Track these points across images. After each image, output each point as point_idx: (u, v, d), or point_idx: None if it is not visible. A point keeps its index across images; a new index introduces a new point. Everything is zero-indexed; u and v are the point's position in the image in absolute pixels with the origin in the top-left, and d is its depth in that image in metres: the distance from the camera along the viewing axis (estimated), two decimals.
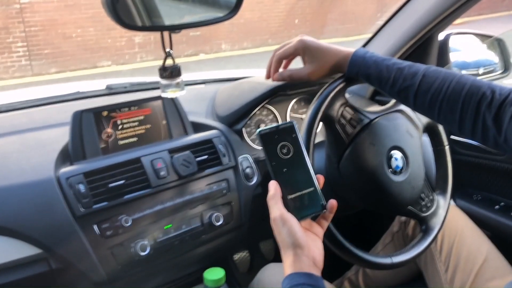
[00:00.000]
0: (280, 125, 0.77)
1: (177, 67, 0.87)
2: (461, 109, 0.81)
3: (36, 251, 0.91)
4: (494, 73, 1.52)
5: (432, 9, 1.19)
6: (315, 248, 0.73)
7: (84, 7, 6.71)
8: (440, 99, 0.83)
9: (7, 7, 6.31)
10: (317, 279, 0.69)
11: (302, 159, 0.76)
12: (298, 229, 0.72)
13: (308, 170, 0.76)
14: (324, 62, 0.94)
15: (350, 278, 1.31)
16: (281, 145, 0.76)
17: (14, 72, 6.42)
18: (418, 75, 0.85)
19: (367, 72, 0.90)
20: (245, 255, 1.35)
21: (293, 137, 0.77)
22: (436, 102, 0.83)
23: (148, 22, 0.87)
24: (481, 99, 0.79)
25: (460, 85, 0.82)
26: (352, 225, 1.37)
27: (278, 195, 0.73)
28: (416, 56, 1.29)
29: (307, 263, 0.70)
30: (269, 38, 8.40)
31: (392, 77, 0.87)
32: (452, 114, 0.82)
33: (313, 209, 0.75)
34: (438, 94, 0.83)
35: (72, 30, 6.76)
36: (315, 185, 0.76)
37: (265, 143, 0.75)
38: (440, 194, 1.08)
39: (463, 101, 0.80)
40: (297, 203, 0.74)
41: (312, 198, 0.75)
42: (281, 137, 0.76)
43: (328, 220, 0.78)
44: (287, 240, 0.71)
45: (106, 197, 0.96)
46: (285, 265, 0.71)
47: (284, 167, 0.75)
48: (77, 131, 1.02)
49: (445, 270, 1.10)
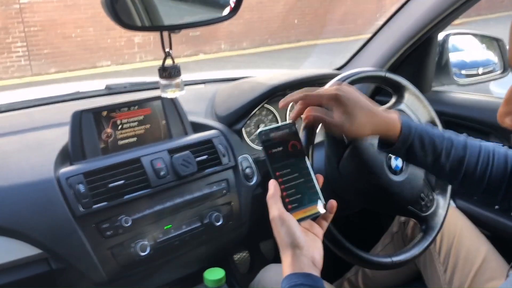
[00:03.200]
0: (280, 125, 0.77)
1: (176, 67, 0.87)
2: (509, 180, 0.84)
3: (36, 251, 0.90)
4: (494, 73, 1.53)
5: (431, 9, 1.19)
6: (314, 248, 0.73)
7: (84, 7, 6.71)
8: (488, 174, 0.85)
9: (6, 8, 6.31)
10: (316, 280, 0.69)
11: (302, 159, 0.76)
12: (297, 229, 0.72)
13: (308, 170, 0.76)
14: (361, 122, 0.80)
15: (350, 279, 1.31)
16: (282, 146, 0.76)
17: (14, 72, 6.42)
18: (465, 145, 0.86)
19: (422, 142, 0.84)
20: (245, 255, 1.35)
21: (294, 137, 0.76)
22: (485, 176, 0.85)
23: (148, 22, 0.87)
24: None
25: (501, 155, 0.85)
26: (352, 225, 1.37)
27: (277, 195, 0.73)
28: (415, 56, 1.29)
29: (306, 263, 0.70)
30: (268, 38, 8.40)
31: (445, 147, 0.85)
32: (499, 185, 0.85)
33: (312, 210, 0.74)
34: (485, 168, 0.85)
35: (71, 30, 6.76)
36: (315, 185, 0.76)
37: (265, 143, 0.75)
38: (439, 194, 1.08)
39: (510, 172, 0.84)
40: (297, 203, 0.74)
41: (312, 198, 0.75)
42: (282, 137, 0.76)
43: (327, 221, 0.78)
44: (286, 240, 0.71)
45: (106, 197, 0.96)
46: (284, 265, 0.71)
47: (285, 168, 0.75)
48: (77, 131, 1.02)
49: (444, 271, 1.10)
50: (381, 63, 1.29)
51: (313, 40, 8.57)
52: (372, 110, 0.82)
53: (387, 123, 0.83)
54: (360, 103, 0.81)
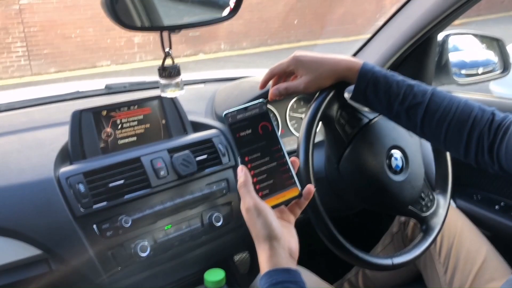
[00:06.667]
0: (249, 105, 0.71)
1: (176, 67, 0.87)
2: (470, 130, 0.81)
3: (36, 252, 0.90)
4: (494, 73, 1.53)
5: (431, 9, 1.19)
6: (290, 238, 0.70)
7: (83, 8, 6.72)
8: (449, 119, 0.82)
9: (6, 8, 6.31)
10: (295, 274, 0.66)
11: (274, 142, 0.71)
12: (274, 219, 0.68)
13: (282, 153, 0.71)
14: (322, 73, 0.89)
15: (350, 280, 1.31)
16: (251, 128, 0.71)
17: (13, 72, 6.43)
18: (427, 93, 0.85)
19: (376, 86, 0.86)
20: (246, 256, 1.35)
21: (264, 118, 0.71)
22: (444, 122, 0.83)
23: (147, 23, 0.87)
24: (487, 121, 0.81)
25: (468, 107, 0.82)
26: (352, 226, 1.37)
27: (249, 182, 0.69)
28: (415, 56, 1.29)
29: (284, 256, 0.67)
30: (268, 39, 8.40)
31: (402, 93, 0.85)
32: (460, 135, 0.82)
33: (287, 195, 0.70)
34: (447, 113, 0.83)
35: (71, 31, 6.77)
36: (289, 169, 0.71)
37: (232, 125, 0.70)
38: (440, 193, 1.08)
39: (472, 123, 0.81)
40: (268, 189, 0.69)
41: (285, 184, 0.70)
42: (250, 119, 0.71)
43: (301, 207, 0.74)
44: (262, 231, 0.67)
45: (106, 197, 0.96)
46: (261, 260, 0.68)
47: (255, 152, 0.70)
48: (77, 130, 1.01)
49: (444, 272, 1.10)
50: (381, 63, 1.28)
51: (313, 40, 8.58)
52: (334, 59, 0.89)
53: (349, 68, 0.88)
54: (319, 56, 0.90)
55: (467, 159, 0.84)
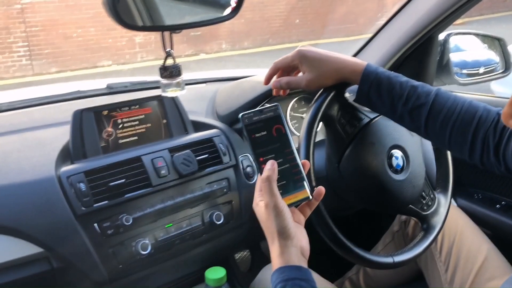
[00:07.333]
0: (264, 108, 0.73)
1: (177, 67, 0.87)
2: (474, 131, 0.80)
3: (37, 250, 0.91)
4: (495, 73, 1.52)
5: (432, 9, 1.19)
6: (301, 237, 0.71)
7: (85, 8, 6.72)
8: (453, 119, 0.82)
9: (8, 8, 6.32)
10: (306, 272, 0.68)
11: (287, 144, 0.73)
12: (290, 220, 0.69)
13: (293, 155, 0.73)
14: (325, 72, 0.89)
15: (351, 278, 1.31)
16: (266, 129, 0.72)
17: (15, 72, 6.44)
18: (431, 94, 0.84)
19: (379, 87, 0.86)
20: (246, 254, 1.35)
21: (278, 121, 0.73)
22: (448, 123, 0.82)
23: (149, 22, 0.87)
24: (492, 121, 0.80)
25: (473, 108, 0.82)
26: (353, 225, 1.37)
27: (274, 179, 0.69)
28: (416, 56, 1.29)
29: (295, 254, 0.68)
30: (269, 38, 8.40)
31: (405, 94, 0.84)
32: (464, 135, 0.81)
33: (298, 196, 0.72)
34: (451, 114, 0.82)
35: (72, 30, 6.77)
36: (300, 171, 0.73)
37: (248, 126, 0.72)
38: (441, 192, 1.08)
39: (477, 123, 0.80)
40: (281, 190, 0.71)
41: (297, 185, 0.73)
42: (265, 121, 0.72)
43: (311, 208, 0.75)
44: (276, 229, 0.68)
45: (106, 196, 0.96)
46: (273, 256, 0.69)
47: (269, 153, 0.72)
48: (78, 130, 1.02)
49: (445, 270, 1.10)
50: (382, 63, 1.28)
51: (314, 40, 8.57)
52: (338, 59, 0.88)
53: (353, 70, 0.87)
54: (323, 54, 0.89)
55: (472, 160, 0.83)
